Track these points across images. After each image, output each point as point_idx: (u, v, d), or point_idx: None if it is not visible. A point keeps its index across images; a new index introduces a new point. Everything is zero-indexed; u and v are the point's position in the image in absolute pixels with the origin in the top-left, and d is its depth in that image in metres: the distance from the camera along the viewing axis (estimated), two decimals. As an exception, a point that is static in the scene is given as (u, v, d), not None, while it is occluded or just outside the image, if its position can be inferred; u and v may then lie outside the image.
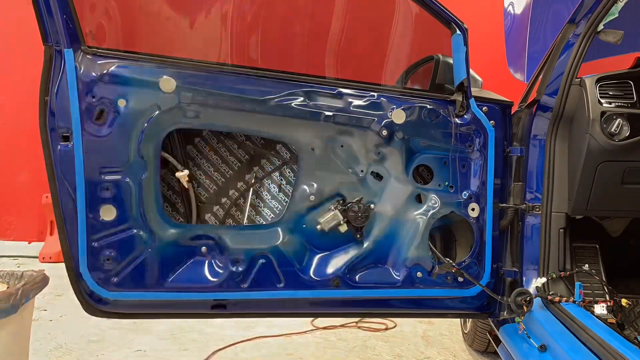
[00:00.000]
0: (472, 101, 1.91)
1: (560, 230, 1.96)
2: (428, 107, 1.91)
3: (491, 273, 1.97)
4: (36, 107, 1.63)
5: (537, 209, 1.98)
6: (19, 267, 5.05)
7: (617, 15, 1.90)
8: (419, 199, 1.96)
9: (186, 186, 1.84)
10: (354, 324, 3.32)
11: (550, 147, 1.97)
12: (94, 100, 1.64)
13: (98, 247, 1.69)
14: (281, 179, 2.01)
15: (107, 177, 1.67)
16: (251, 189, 2.00)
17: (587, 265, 2.04)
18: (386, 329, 3.29)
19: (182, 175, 1.79)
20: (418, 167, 1.99)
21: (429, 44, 2.31)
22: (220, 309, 1.88)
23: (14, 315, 1.75)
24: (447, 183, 1.97)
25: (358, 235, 1.93)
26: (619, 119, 1.88)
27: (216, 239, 1.82)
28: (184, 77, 1.72)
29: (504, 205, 2.00)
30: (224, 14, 2.29)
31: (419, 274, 1.94)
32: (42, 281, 1.93)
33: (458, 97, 1.92)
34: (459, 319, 3.24)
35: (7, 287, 1.91)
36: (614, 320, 1.81)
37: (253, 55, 2.36)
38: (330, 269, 1.91)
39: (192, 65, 1.77)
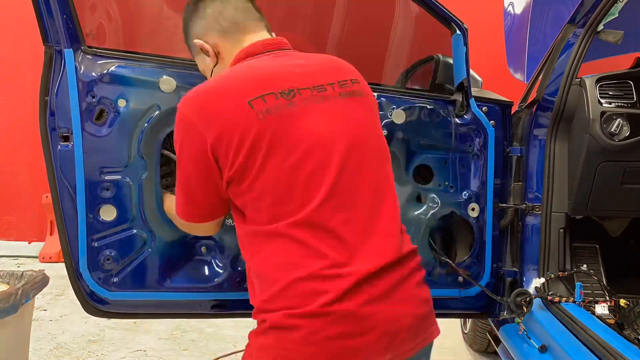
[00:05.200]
0: (472, 101, 1.91)
1: (560, 230, 1.96)
2: (428, 107, 1.90)
3: (491, 273, 1.97)
4: (36, 107, 1.63)
5: (537, 209, 1.98)
6: (19, 267, 5.05)
7: (617, 15, 1.90)
8: (419, 199, 1.96)
9: None
10: (354, 324, 3.31)
11: (550, 147, 1.97)
12: (94, 100, 1.64)
13: (98, 247, 1.69)
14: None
15: (107, 177, 1.67)
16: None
17: (585, 266, 2.04)
18: (386, 329, 3.29)
19: None
20: (418, 167, 1.99)
21: (429, 44, 2.31)
22: (220, 309, 1.87)
23: (14, 315, 1.75)
24: (447, 183, 1.97)
25: (358, 235, 1.93)
26: (619, 119, 1.87)
27: (216, 238, 1.82)
28: (184, 77, 1.72)
29: (504, 205, 2.00)
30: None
31: (419, 274, 1.94)
32: (42, 281, 1.94)
33: (458, 97, 1.92)
34: (459, 319, 3.24)
35: (8, 287, 1.91)
36: (613, 321, 1.81)
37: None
38: (330, 269, 1.91)
39: (192, 65, 1.77)
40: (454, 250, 2.12)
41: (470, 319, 2.98)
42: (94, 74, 1.65)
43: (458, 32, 1.83)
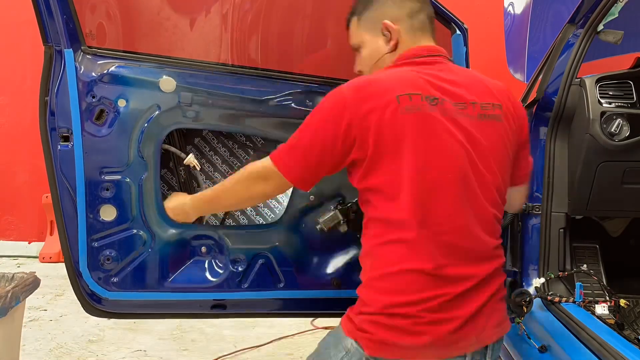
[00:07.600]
0: (472, 101, 1.90)
1: (560, 230, 1.96)
2: (428, 107, 1.90)
3: (491, 273, 1.97)
4: (36, 107, 1.63)
5: (537, 209, 1.98)
6: (19, 267, 5.06)
7: (617, 15, 1.90)
8: (419, 199, 1.95)
9: (198, 168, 1.81)
10: (354, 324, 3.31)
11: (550, 147, 1.97)
12: (94, 100, 1.65)
13: (98, 247, 1.69)
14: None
15: (107, 177, 1.67)
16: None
17: (585, 266, 2.04)
18: (386, 329, 3.29)
19: (189, 159, 1.76)
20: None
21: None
22: (220, 309, 1.87)
23: (4, 318, 1.73)
24: (447, 183, 1.97)
25: (358, 235, 1.92)
26: (619, 119, 1.87)
27: (216, 239, 1.82)
28: (184, 77, 1.72)
29: (504, 205, 2.00)
30: (224, 14, 2.29)
31: (419, 274, 1.94)
32: (33, 283, 1.90)
33: (458, 97, 1.92)
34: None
35: (-3, 290, 1.88)
36: (612, 321, 1.81)
37: (253, 55, 2.36)
38: (330, 269, 1.91)
39: (192, 65, 1.77)
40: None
41: (470, 319, 2.97)
42: (94, 74, 1.65)
43: (458, 32, 1.84)
